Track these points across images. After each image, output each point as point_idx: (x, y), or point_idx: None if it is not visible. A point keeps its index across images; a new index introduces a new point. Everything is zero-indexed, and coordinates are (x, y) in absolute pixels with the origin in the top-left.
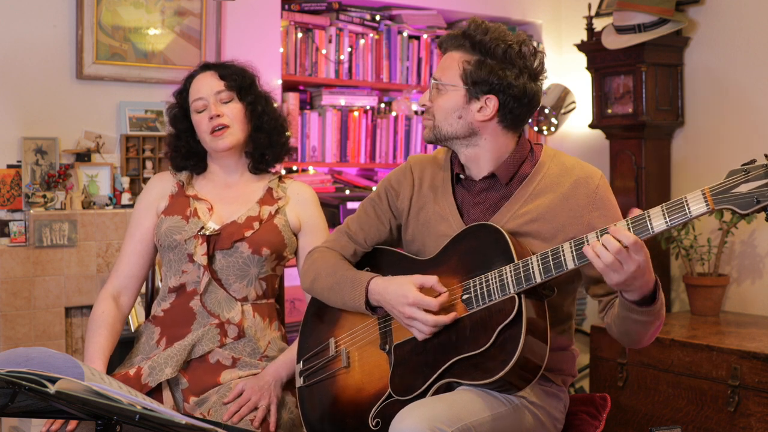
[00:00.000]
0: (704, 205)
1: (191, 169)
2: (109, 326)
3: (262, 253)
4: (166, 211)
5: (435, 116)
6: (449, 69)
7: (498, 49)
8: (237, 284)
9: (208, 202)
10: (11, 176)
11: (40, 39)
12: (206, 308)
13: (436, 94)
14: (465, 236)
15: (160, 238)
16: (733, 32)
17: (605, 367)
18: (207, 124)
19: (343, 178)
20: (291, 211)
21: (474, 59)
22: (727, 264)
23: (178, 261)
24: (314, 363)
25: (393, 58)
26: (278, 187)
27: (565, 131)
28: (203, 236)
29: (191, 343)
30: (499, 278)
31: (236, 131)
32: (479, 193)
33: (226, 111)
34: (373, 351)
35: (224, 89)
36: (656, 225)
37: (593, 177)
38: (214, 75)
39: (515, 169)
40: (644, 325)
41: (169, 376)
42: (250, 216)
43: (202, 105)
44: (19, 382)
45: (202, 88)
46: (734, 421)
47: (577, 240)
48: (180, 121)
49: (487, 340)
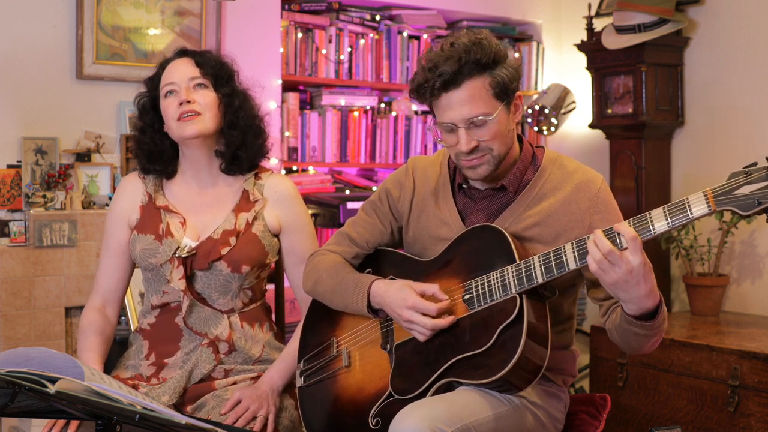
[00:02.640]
0: (706, 207)
1: (158, 174)
2: (99, 333)
3: (242, 270)
4: (138, 227)
5: (492, 148)
6: (480, 98)
7: (496, 54)
8: (221, 299)
9: (180, 215)
10: (11, 176)
11: (40, 39)
12: (192, 329)
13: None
14: (467, 237)
15: (136, 258)
16: (733, 32)
17: (605, 367)
18: (175, 109)
19: (343, 178)
20: (269, 214)
21: (491, 77)
22: (727, 264)
23: (156, 281)
24: (315, 363)
25: (393, 58)
26: (254, 187)
27: (565, 131)
28: (179, 258)
29: (189, 371)
30: (500, 278)
31: (206, 119)
32: (482, 200)
33: (199, 98)
34: (374, 350)
35: (199, 75)
36: (658, 226)
37: (595, 181)
38: (190, 61)
39: (521, 178)
40: (644, 337)
41: (167, 403)
42: (226, 230)
43: (172, 88)
44: (19, 382)
45: (175, 73)
46: (734, 421)
47: (579, 240)
48: (146, 113)
49: (488, 340)
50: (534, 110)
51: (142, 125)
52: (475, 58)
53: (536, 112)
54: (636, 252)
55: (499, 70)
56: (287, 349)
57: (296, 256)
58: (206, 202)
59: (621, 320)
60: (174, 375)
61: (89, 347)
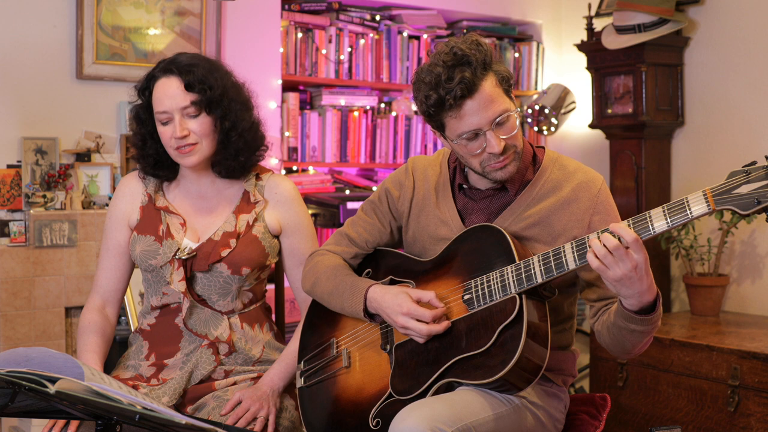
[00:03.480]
0: (705, 206)
1: (162, 179)
2: (99, 332)
3: (242, 272)
4: (138, 228)
5: (517, 144)
6: (498, 96)
7: (491, 52)
8: (221, 301)
9: (180, 216)
10: (11, 176)
11: (40, 39)
12: (192, 331)
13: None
14: (467, 237)
15: (136, 260)
16: (733, 32)
17: (605, 367)
18: (171, 141)
19: (343, 178)
20: (270, 216)
21: (496, 74)
22: (727, 264)
23: (156, 283)
24: (315, 363)
25: (393, 58)
26: (255, 188)
27: (565, 131)
28: (179, 260)
29: (189, 371)
30: (500, 278)
31: (204, 147)
32: (482, 200)
33: (194, 127)
34: (374, 351)
35: (189, 105)
36: (657, 225)
37: (595, 181)
38: (180, 85)
39: (522, 178)
40: (640, 335)
41: (167, 404)
42: (226, 231)
43: (166, 118)
44: (19, 382)
45: (166, 100)
46: (734, 421)
47: (578, 240)
48: (144, 124)
49: (488, 340)
50: (534, 110)
51: (143, 134)
52: (482, 59)
53: (536, 112)
54: (639, 249)
55: (497, 66)
56: (287, 349)
57: (296, 257)
58: (206, 204)
59: (617, 318)
60: (174, 376)
61: (89, 347)
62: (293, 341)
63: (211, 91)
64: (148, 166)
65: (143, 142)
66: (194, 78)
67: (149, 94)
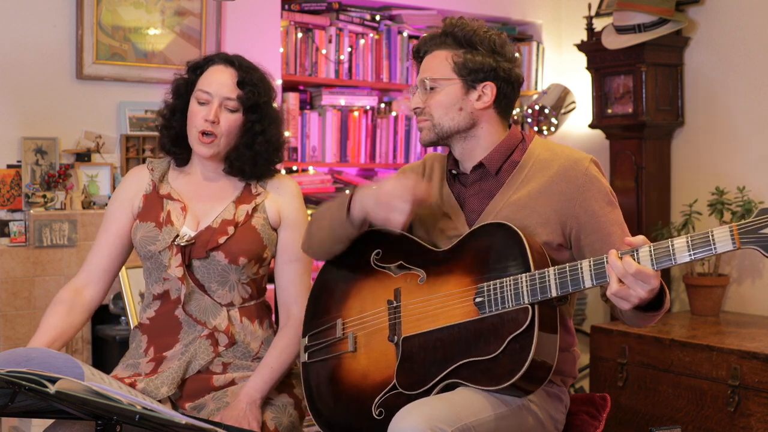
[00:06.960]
0: (731, 243)
1: (175, 158)
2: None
3: (239, 262)
4: (141, 215)
5: (433, 115)
6: (439, 66)
7: (483, 38)
8: (220, 290)
9: (181, 201)
10: (11, 176)
11: (40, 39)
12: (191, 316)
13: (428, 93)
14: (482, 233)
15: (136, 246)
16: (733, 32)
17: (605, 367)
18: (200, 121)
19: (343, 178)
20: (271, 205)
21: (462, 52)
22: (727, 264)
23: (157, 269)
24: (320, 341)
25: (393, 58)
26: (257, 182)
27: (565, 131)
28: (177, 246)
29: (187, 361)
30: (514, 286)
31: (220, 144)
32: (473, 185)
33: (224, 120)
34: (381, 339)
35: (234, 99)
36: (680, 257)
37: (582, 160)
38: (233, 76)
39: (504, 158)
40: (652, 317)
41: (166, 394)
42: (225, 219)
43: (206, 99)
44: (19, 382)
45: (215, 84)
46: (734, 421)
47: (596, 259)
48: (181, 97)
49: (497, 348)
50: (534, 110)
51: (174, 106)
52: (450, 33)
53: (536, 112)
54: (657, 277)
55: (475, 52)
56: (264, 361)
57: (288, 253)
58: (208, 192)
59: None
60: (172, 366)
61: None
62: (268, 355)
63: (258, 96)
64: (167, 140)
65: (172, 113)
66: (249, 78)
67: (200, 73)
